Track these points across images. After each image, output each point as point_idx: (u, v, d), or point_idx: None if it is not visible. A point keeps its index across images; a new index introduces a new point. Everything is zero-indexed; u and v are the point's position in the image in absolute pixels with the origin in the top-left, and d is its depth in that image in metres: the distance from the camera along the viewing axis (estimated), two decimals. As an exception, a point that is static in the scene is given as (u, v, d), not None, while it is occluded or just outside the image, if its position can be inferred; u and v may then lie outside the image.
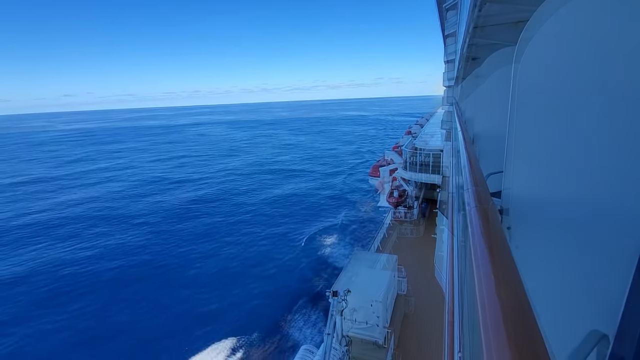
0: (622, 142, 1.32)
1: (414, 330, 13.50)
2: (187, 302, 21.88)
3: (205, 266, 26.36)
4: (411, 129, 47.14)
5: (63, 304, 22.19)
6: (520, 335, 0.66)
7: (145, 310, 21.33)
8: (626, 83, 1.30)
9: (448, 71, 23.20)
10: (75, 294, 23.21)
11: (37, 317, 21.12)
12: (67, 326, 20.15)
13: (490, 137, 4.25)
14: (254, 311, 20.61)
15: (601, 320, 1.37)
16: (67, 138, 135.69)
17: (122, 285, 24.14)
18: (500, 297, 0.78)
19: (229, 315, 20.41)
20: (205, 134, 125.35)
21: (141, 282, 24.56)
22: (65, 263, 27.65)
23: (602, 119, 1.39)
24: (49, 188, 52.85)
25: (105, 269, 26.47)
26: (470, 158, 2.38)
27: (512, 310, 0.73)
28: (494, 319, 0.71)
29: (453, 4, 19.54)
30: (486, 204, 1.45)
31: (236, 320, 19.80)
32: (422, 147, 25.24)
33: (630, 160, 1.30)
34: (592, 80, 1.40)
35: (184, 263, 26.94)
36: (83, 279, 25.22)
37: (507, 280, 0.86)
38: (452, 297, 2.28)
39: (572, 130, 1.51)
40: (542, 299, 1.50)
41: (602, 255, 1.42)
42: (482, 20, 5.74)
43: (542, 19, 1.54)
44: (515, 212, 1.80)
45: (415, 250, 19.64)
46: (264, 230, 32.68)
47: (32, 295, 23.50)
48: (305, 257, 26.87)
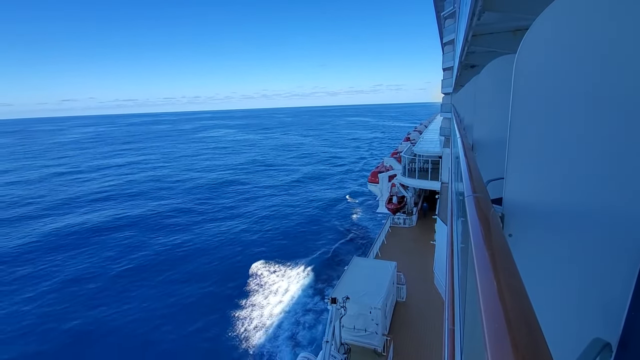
0: (625, 148, 1.33)
1: (413, 337, 13.39)
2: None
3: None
4: (410, 136, 47.34)
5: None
6: (524, 343, 0.65)
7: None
8: (627, 90, 1.31)
9: (446, 78, 23.40)
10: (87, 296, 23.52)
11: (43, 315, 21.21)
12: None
13: (489, 144, 4.26)
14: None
15: (604, 328, 1.37)
16: (93, 139, 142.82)
17: (126, 289, 24.38)
18: (504, 305, 0.78)
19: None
20: (237, 139, 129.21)
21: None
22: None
23: (603, 126, 1.40)
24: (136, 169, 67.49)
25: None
26: (470, 165, 2.38)
27: (516, 318, 0.73)
28: (498, 327, 0.70)
29: (451, 12, 19.80)
30: (487, 211, 1.44)
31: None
32: (420, 153, 25.32)
33: (634, 167, 1.30)
34: (593, 88, 1.42)
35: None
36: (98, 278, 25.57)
37: (511, 288, 0.86)
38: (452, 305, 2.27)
39: (573, 137, 1.52)
40: (544, 306, 1.50)
41: (604, 263, 1.42)
42: (480, 29, 5.80)
43: (542, 27, 1.56)
44: (516, 219, 1.80)
45: (415, 257, 19.58)
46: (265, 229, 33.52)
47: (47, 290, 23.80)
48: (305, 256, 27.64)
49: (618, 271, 1.35)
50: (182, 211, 39.99)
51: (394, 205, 25.79)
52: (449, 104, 22.21)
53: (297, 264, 26.24)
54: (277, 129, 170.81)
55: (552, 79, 1.58)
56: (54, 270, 26.60)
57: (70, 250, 30.04)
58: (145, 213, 39.51)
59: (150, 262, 27.32)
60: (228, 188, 50.31)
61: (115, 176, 61.49)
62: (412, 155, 26.09)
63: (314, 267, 25.77)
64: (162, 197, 46.65)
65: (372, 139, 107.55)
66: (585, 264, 1.50)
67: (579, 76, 1.47)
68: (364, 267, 15.24)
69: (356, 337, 12.73)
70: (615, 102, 1.34)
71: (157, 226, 35.37)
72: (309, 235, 32.01)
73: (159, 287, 23.85)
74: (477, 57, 8.61)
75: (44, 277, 25.65)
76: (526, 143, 1.73)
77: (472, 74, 9.81)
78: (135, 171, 65.98)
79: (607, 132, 1.38)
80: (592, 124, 1.43)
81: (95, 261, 27.93)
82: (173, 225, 35.55)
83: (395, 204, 25.92)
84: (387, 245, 21.70)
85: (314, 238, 31.23)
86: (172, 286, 23.83)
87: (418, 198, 28.57)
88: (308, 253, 28.12)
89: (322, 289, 22.39)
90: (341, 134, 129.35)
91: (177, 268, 26.40)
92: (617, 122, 1.34)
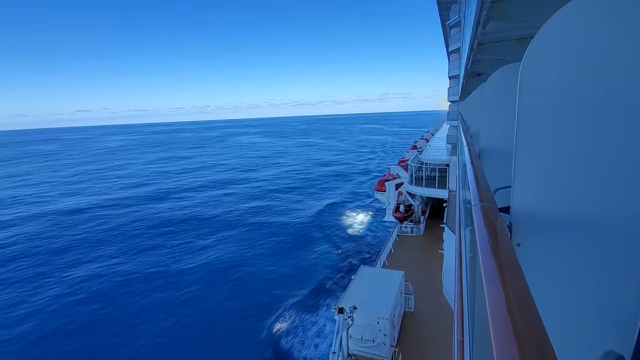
0: (631, 154, 1.31)
1: (422, 348, 13.15)
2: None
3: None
4: (417, 144, 47.23)
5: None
6: (533, 356, 0.64)
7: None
8: (632, 98, 1.30)
9: (452, 86, 23.43)
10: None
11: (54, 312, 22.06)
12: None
13: (497, 152, 4.24)
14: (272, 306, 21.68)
15: (617, 340, 1.33)
16: (130, 146, 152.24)
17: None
18: (512, 316, 0.77)
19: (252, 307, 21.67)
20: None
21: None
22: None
23: (609, 133, 1.39)
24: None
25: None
26: (476, 173, 2.37)
27: (524, 329, 0.72)
28: (506, 338, 0.70)
29: (456, 21, 19.93)
30: (495, 220, 1.43)
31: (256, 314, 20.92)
32: (427, 161, 25.20)
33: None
34: (598, 96, 1.41)
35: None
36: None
37: (519, 299, 0.85)
38: (461, 315, 2.23)
39: (580, 144, 1.51)
40: (555, 318, 1.47)
41: (616, 272, 1.39)
42: (485, 37, 5.82)
43: (546, 36, 1.56)
44: (524, 228, 1.78)
45: (423, 266, 19.35)
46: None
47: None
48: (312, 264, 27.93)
49: (631, 281, 1.33)
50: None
51: (401, 214, 25.61)
52: (456, 111, 22.17)
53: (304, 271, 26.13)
54: (314, 133, 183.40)
55: (557, 87, 1.58)
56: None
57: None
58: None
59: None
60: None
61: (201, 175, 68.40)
62: (419, 163, 25.98)
63: (321, 275, 25.60)
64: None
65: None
66: (596, 274, 1.48)
67: (584, 84, 1.46)
68: (371, 276, 15.09)
69: (364, 348, 12.54)
70: (620, 109, 1.34)
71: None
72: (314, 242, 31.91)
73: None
74: (483, 65, 8.62)
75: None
76: (533, 151, 1.72)
77: (478, 82, 9.81)
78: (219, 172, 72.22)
79: (614, 139, 1.37)
80: (599, 131, 1.42)
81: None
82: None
83: (403, 213, 25.74)
84: (394, 254, 21.49)
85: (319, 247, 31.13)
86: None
87: (425, 206, 28.33)
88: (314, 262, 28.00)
89: (328, 298, 22.19)
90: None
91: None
92: (623, 130, 1.33)
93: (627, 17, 1.31)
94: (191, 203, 46.62)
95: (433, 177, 24.56)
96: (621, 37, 1.32)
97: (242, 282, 25.01)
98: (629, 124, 1.32)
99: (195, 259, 28.49)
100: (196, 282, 24.81)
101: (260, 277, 25.62)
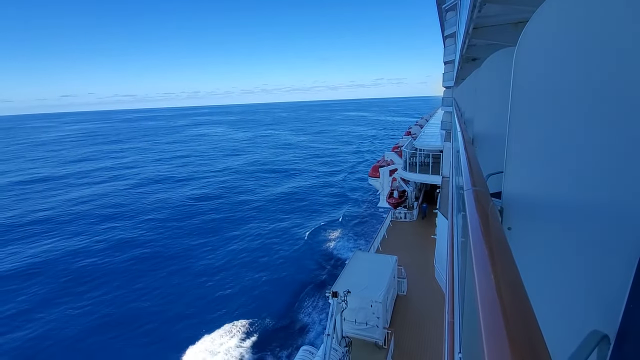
0: (622, 141, 1.32)
1: (414, 330, 13.48)
2: (200, 288, 23.23)
3: (215, 257, 27.68)
4: (411, 130, 47.16)
5: (83, 293, 23.26)
6: (520, 336, 0.66)
7: (161, 296, 22.63)
8: (626, 83, 1.30)
9: (447, 72, 23.25)
10: (94, 284, 24.26)
11: (58, 304, 21.99)
12: (88, 312, 21.19)
13: (490, 138, 4.25)
14: (263, 296, 21.98)
15: (602, 320, 1.37)
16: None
17: (138, 275, 25.27)
18: (501, 298, 0.78)
19: (240, 299, 21.77)
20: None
21: (156, 271, 25.78)
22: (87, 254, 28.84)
23: (602, 119, 1.39)
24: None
25: (120, 261, 27.58)
26: (469, 158, 2.37)
27: (512, 311, 0.73)
28: (494, 320, 0.71)
29: (452, 4, 19.62)
30: (486, 204, 1.44)
31: (247, 304, 21.22)
32: (421, 147, 25.23)
33: (631, 160, 1.30)
34: (593, 81, 1.41)
35: (196, 254, 28.26)
36: (99, 269, 26.28)
37: (508, 281, 0.86)
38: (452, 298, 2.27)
39: (572, 130, 1.51)
40: (542, 299, 1.50)
41: (602, 256, 1.42)
42: (481, 21, 5.75)
43: (541, 19, 1.54)
44: (515, 212, 1.80)
45: (415, 251, 19.64)
46: (269, 225, 33.77)
47: (52, 284, 24.40)
48: (308, 250, 28.16)
49: (616, 263, 1.35)
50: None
51: (394, 200, 25.79)
52: (450, 97, 22.10)
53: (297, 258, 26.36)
54: (289, 123, 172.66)
55: (552, 71, 1.57)
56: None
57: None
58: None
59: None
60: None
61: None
62: (413, 149, 26.02)
63: (315, 260, 25.87)
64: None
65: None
66: (583, 257, 1.51)
67: (579, 69, 1.45)
68: (365, 261, 15.30)
69: (357, 331, 12.82)
70: (615, 95, 1.33)
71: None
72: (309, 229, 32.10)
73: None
74: (478, 50, 8.55)
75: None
76: (525, 137, 1.72)
77: (473, 67, 9.75)
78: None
79: (607, 126, 1.38)
80: (592, 117, 1.42)
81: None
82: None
83: (396, 199, 25.92)
84: (388, 240, 21.75)
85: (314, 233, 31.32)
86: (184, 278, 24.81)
87: (419, 192, 28.56)
88: (308, 248, 28.24)
89: (323, 283, 22.50)
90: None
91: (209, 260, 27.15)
92: (617, 116, 1.34)
93: (622, 1, 1.29)
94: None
95: (427, 163, 24.64)
96: (616, 22, 1.30)
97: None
98: (621, 110, 1.32)
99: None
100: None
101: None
